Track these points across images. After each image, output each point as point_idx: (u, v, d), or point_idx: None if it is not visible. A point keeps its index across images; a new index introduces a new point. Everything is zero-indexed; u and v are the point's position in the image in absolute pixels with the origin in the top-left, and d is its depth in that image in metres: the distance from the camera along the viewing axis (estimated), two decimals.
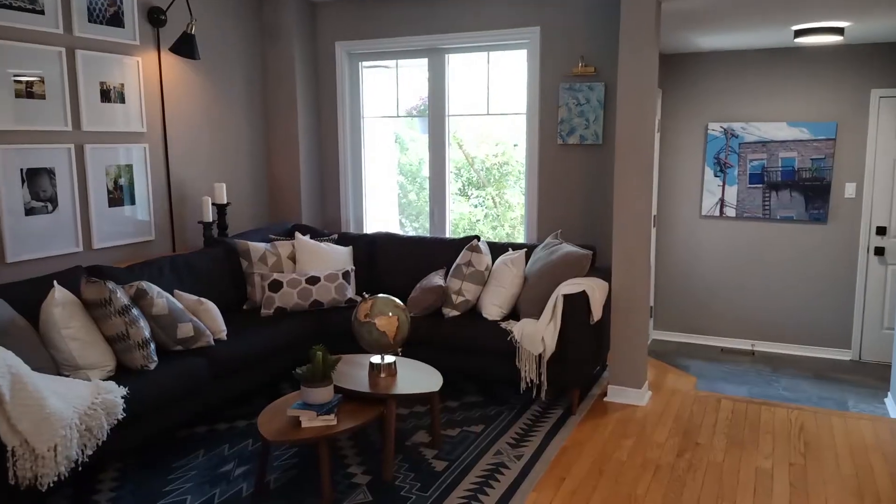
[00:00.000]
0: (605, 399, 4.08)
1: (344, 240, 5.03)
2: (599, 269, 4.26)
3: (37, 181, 3.94)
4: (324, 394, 2.95)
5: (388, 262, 4.86)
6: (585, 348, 3.78)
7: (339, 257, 4.75)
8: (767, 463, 3.29)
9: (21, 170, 3.86)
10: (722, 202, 6.10)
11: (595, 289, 3.83)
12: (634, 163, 3.85)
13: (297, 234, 4.80)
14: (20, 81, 3.81)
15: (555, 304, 3.76)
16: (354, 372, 3.37)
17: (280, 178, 5.67)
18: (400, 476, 3.15)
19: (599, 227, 4.79)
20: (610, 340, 4.07)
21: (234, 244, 4.64)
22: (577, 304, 3.72)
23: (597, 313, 3.80)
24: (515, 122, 5.21)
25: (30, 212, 3.91)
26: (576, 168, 4.89)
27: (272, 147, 5.66)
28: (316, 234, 5.10)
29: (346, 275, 4.52)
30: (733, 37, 5.17)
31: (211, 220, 4.86)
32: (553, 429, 3.67)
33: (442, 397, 4.06)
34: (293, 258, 4.70)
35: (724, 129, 6.03)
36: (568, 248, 4.08)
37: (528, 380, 3.81)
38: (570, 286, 3.79)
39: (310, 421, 2.89)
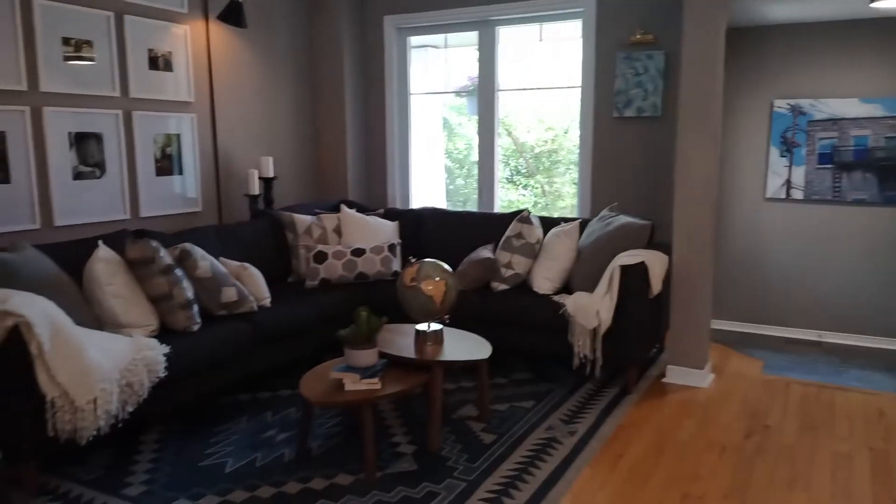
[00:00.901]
0: (663, 380, 3.85)
1: (390, 215, 4.90)
2: (659, 243, 4.02)
3: (85, 146, 3.92)
4: (368, 356, 2.82)
5: (434, 236, 4.72)
6: (643, 323, 3.56)
7: (385, 231, 4.62)
8: (844, 447, 3.03)
9: (69, 133, 3.83)
10: (788, 184, 5.76)
11: (655, 261, 3.60)
12: (699, 135, 3.61)
13: (343, 208, 4.69)
14: (69, 44, 3.78)
15: (611, 275, 3.56)
16: (400, 339, 3.24)
17: (327, 153, 5.59)
18: (446, 447, 2.99)
19: (657, 202, 4.56)
20: (669, 318, 3.83)
21: (279, 216, 4.57)
22: (635, 276, 3.51)
23: (656, 286, 3.58)
24: (567, 102, 5.01)
25: (78, 176, 3.90)
26: (632, 142, 4.66)
27: (319, 122, 5.58)
28: (362, 210, 4.99)
29: (392, 247, 4.39)
30: (803, 6, 4.86)
31: (257, 193, 4.79)
32: (608, 407, 3.47)
33: (490, 373, 3.89)
34: (339, 231, 4.60)
35: (791, 107, 5.70)
36: (625, 218, 3.87)
37: (581, 355, 3.61)
38: (628, 257, 3.58)
39: (353, 384, 2.76)
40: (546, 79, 5.03)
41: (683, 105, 3.66)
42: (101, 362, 2.57)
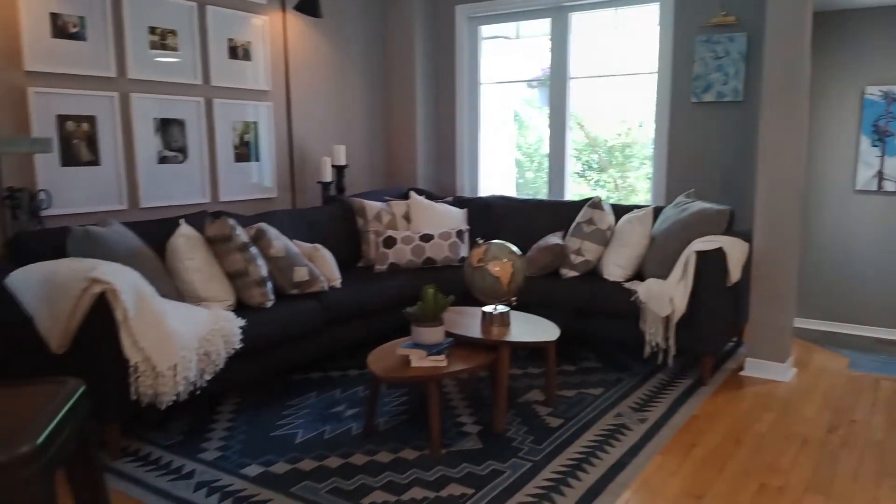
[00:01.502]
0: (741, 373, 3.70)
1: (459, 202, 4.90)
2: (739, 232, 3.87)
3: (169, 131, 4.08)
4: (435, 334, 2.82)
5: (503, 224, 4.69)
6: (720, 313, 3.43)
7: (453, 217, 4.63)
8: None
9: (155, 119, 4.01)
10: (881, 175, 5.44)
11: (734, 247, 3.46)
12: (784, 122, 3.46)
13: (412, 194, 4.73)
14: (155, 33, 3.95)
15: (686, 261, 3.44)
16: (466, 321, 3.23)
17: (397, 142, 5.65)
18: (511, 429, 2.97)
19: (737, 191, 4.38)
20: (748, 310, 3.67)
21: (350, 202, 4.64)
22: (712, 262, 3.38)
23: (735, 274, 3.44)
24: (642, 93, 4.86)
25: (162, 160, 4.06)
26: (711, 127, 4.51)
27: (390, 111, 5.64)
28: (431, 198, 5.02)
29: (460, 233, 4.39)
30: None
31: (329, 180, 4.88)
32: (681, 397, 3.36)
33: (558, 360, 3.83)
34: (407, 217, 4.63)
35: (885, 93, 5.37)
36: (702, 204, 3.74)
37: (653, 344, 3.50)
38: (705, 243, 3.45)
39: (419, 360, 2.77)
40: (620, 66, 4.91)
41: (768, 90, 3.51)
42: (181, 331, 2.67)
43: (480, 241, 3.22)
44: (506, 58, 5.57)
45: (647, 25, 4.78)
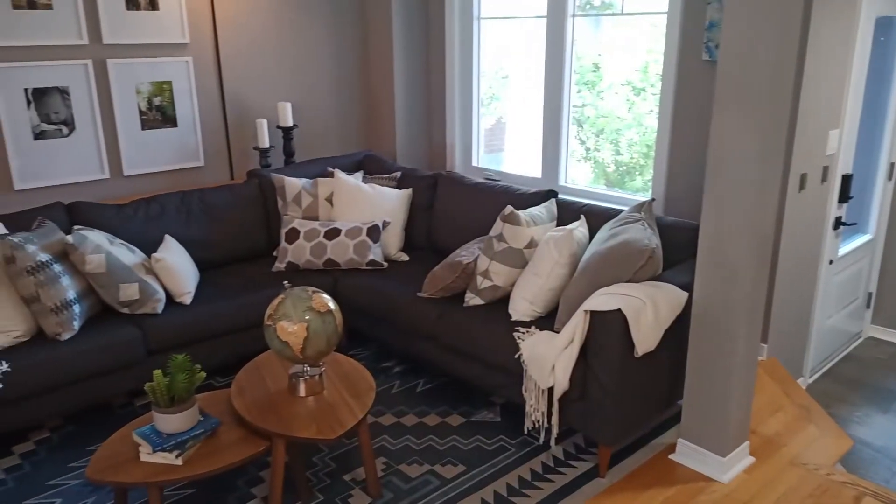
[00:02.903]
0: (670, 457, 2.77)
1: (405, 180, 4.09)
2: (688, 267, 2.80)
3: (46, 102, 3.61)
4: (173, 422, 2.21)
5: (447, 213, 3.86)
6: (621, 392, 2.51)
7: (382, 204, 3.85)
8: None
9: (25, 90, 3.54)
10: None
11: (647, 305, 2.47)
12: (742, 85, 2.30)
13: (337, 172, 3.98)
14: None
15: (577, 321, 2.51)
16: (268, 383, 2.57)
17: (373, 95, 4.83)
18: None
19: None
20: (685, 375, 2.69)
21: (270, 178, 3.99)
22: (608, 328, 2.44)
23: (643, 344, 2.46)
24: (652, 44, 3.64)
25: (39, 136, 3.62)
26: None
27: (361, 57, 4.79)
28: (382, 170, 4.24)
29: (373, 230, 3.63)
30: None
31: (266, 145, 4.24)
32: (564, 490, 2.54)
33: (446, 411, 3.11)
34: (331, 200, 3.92)
35: None
36: (634, 231, 2.71)
37: (533, 418, 2.67)
38: (605, 297, 2.49)
39: (148, 455, 2.19)
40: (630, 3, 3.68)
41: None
42: None
43: (286, 286, 2.50)
44: None
45: None
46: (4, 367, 2.60)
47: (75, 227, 3.08)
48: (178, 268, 3.17)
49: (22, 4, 3.45)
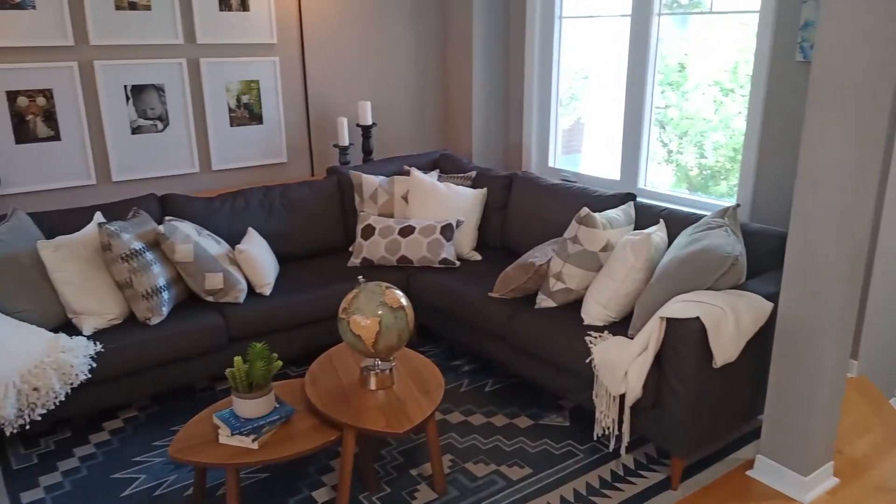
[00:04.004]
0: (748, 473, 2.67)
1: (480, 179, 4.10)
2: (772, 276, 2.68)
3: (143, 98, 3.82)
4: (251, 406, 2.30)
5: (521, 213, 3.84)
6: (697, 403, 2.43)
7: (457, 203, 3.87)
8: None
9: (125, 87, 3.75)
10: None
11: (728, 314, 2.38)
12: (838, 86, 2.19)
13: (413, 171, 4.03)
14: None
15: (652, 327, 2.45)
16: (343, 375, 2.63)
17: (452, 94, 4.87)
18: None
19: None
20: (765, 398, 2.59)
21: (348, 175, 4.08)
22: (685, 336, 2.37)
23: (722, 355, 2.38)
24: (740, 41, 3.51)
25: (136, 130, 3.83)
26: None
27: (446, 57, 4.83)
28: (457, 169, 4.27)
29: (446, 228, 3.65)
30: None
31: (346, 143, 4.35)
32: (633, 501, 2.49)
33: (514, 412, 3.10)
34: (407, 198, 3.97)
35: None
36: (717, 237, 2.61)
37: (604, 425, 2.62)
38: (683, 304, 2.41)
39: (226, 437, 2.28)
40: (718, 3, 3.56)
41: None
42: None
43: (361, 280, 2.55)
44: None
45: None
46: (98, 347, 2.76)
47: (167, 217, 3.24)
48: (259, 260, 3.28)
49: (124, 6, 3.65)
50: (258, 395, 2.29)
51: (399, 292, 2.48)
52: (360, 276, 2.56)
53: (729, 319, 2.37)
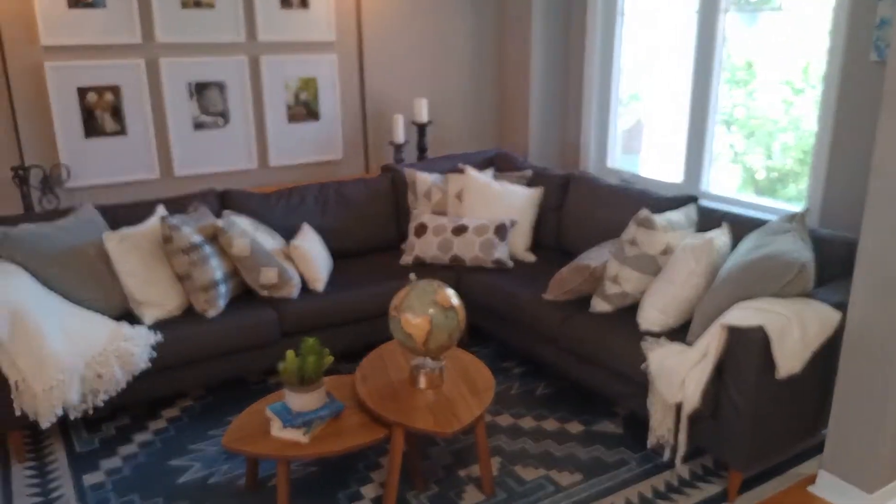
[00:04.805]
0: (809, 489, 2.55)
1: (536, 179, 4.05)
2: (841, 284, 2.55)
3: (206, 95, 3.91)
4: (302, 400, 2.32)
5: (577, 214, 3.78)
6: (758, 414, 2.34)
7: (512, 202, 3.83)
8: None
9: (188, 84, 3.85)
10: None
11: (793, 323, 2.28)
12: None
13: (468, 169, 4.00)
14: None
15: (713, 335, 2.37)
16: (392, 372, 2.63)
17: (508, 92, 4.83)
18: None
19: None
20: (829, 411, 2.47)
21: (402, 173, 4.09)
22: (747, 345, 2.28)
23: (788, 364, 2.28)
24: (816, 34, 3.35)
25: (199, 126, 3.93)
26: None
27: (503, 55, 4.80)
28: (513, 168, 4.23)
29: (500, 228, 3.62)
30: None
31: (401, 141, 4.36)
32: None
33: (566, 417, 3.05)
34: (461, 197, 3.95)
35: None
36: (783, 243, 2.51)
37: (658, 434, 2.55)
38: (745, 312, 2.32)
39: (278, 430, 2.31)
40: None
41: None
42: (61, 352, 2.56)
43: (412, 279, 2.54)
44: None
45: None
46: (158, 337, 2.84)
47: (225, 212, 3.30)
48: (313, 255, 3.31)
49: (189, 4, 3.74)
50: (310, 389, 2.31)
51: (451, 291, 2.46)
52: (411, 275, 2.55)
53: (794, 329, 2.26)
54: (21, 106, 3.45)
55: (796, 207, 3.41)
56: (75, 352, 2.61)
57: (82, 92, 3.56)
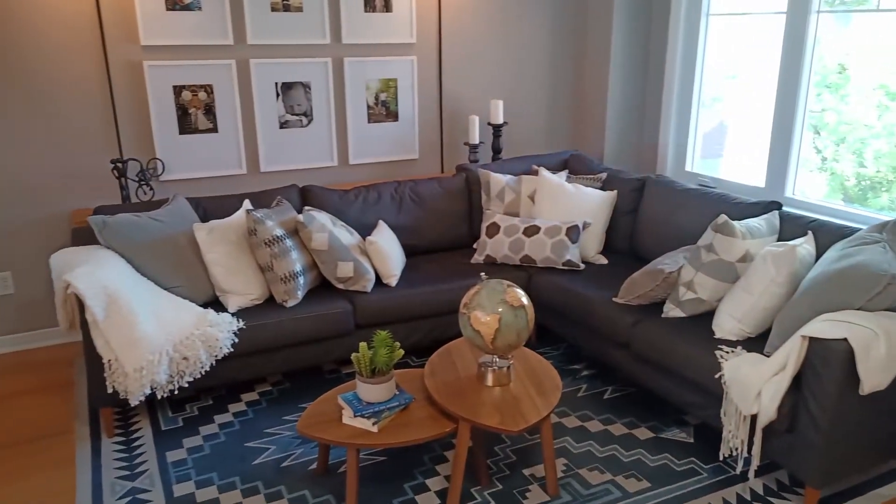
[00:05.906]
0: None
1: (611, 181, 4.01)
2: None
3: (291, 95, 4.07)
4: (372, 391, 2.39)
5: (652, 218, 3.72)
6: (838, 431, 2.25)
7: (585, 204, 3.81)
8: None
9: (276, 83, 4.01)
10: None
11: (880, 338, 2.18)
12: None
13: (541, 170, 4.00)
14: None
15: (792, 346, 2.30)
16: (459, 368, 2.67)
17: (585, 93, 4.81)
18: None
19: None
20: None
21: (476, 173, 4.13)
22: (829, 358, 2.20)
23: (873, 380, 2.18)
24: None
25: (284, 125, 4.10)
26: None
27: (582, 56, 4.78)
28: (587, 170, 4.20)
29: (572, 230, 3.60)
30: None
31: (476, 142, 4.41)
32: None
33: (634, 423, 3.01)
34: (533, 198, 3.96)
35: None
36: (872, 254, 2.40)
37: (731, 445, 2.49)
38: (828, 324, 2.24)
39: (349, 419, 2.39)
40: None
41: None
42: (151, 334, 2.72)
43: (483, 277, 2.58)
44: None
45: None
46: (240, 324, 2.98)
47: (306, 207, 3.43)
48: (387, 251, 3.40)
49: (279, 7, 3.90)
50: (380, 380, 2.38)
51: (520, 291, 2.48)
52: (482, 273, 2.58)
53: (881, 343, 2.17)
54: (121, 103, 3.68)
55: (888, 217, 3.24)
56: (164, 335, 2.77)
57: (177, 90, 3.77)
